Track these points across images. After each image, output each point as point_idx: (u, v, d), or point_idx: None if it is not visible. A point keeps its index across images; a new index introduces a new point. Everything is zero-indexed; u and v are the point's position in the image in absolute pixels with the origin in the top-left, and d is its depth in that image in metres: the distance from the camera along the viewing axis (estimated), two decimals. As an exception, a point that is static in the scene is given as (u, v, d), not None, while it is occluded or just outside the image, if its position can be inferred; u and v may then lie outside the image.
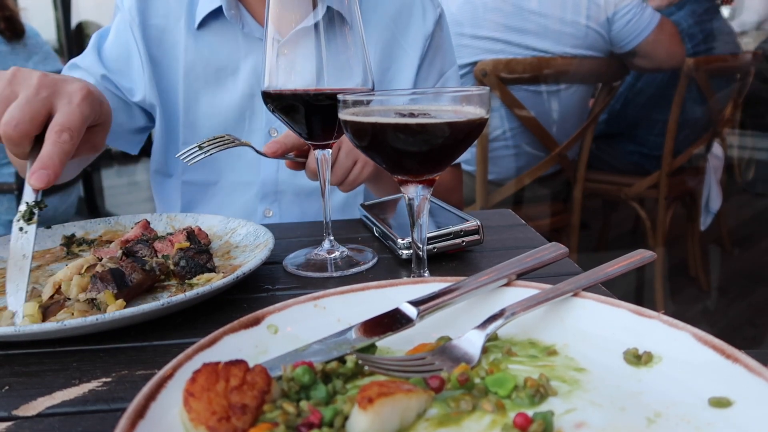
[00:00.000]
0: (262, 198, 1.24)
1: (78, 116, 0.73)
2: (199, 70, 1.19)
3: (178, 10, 1.19)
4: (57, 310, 0.64)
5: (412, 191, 0.63)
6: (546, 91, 2.31)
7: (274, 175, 1.22)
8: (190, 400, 0.37)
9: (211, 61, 1.18)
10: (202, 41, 1.18)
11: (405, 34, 1.26)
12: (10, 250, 0.68)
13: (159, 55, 1.20)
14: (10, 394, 0.50)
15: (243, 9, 1.17)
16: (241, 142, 0.90)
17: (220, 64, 1.18)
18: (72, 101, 0.73)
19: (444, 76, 1.33)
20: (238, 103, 1.19)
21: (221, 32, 1.17)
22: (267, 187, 1.23)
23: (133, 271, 0.66)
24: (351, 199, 1.27)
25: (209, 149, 0.86)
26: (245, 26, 1.16)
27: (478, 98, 0.58)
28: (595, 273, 0.55)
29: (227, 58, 1.18)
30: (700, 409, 0.39)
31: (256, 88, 1.17)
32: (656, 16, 2.24)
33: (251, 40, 1.17)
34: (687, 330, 0.45)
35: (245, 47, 1.17)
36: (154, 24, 1.20)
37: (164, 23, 1.19)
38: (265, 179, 1.22)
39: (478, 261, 0.80)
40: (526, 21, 2.17)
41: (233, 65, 1.18)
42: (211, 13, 1.15)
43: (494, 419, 0.39)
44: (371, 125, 0.58)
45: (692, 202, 2.83)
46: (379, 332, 0.48)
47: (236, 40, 1.17)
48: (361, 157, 0.98)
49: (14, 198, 2.34)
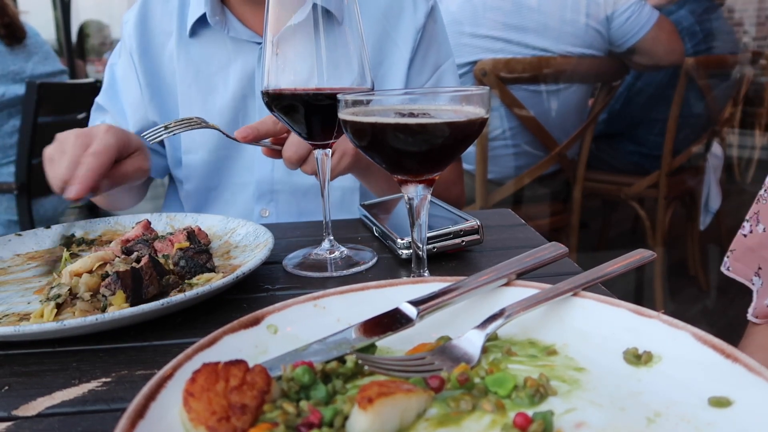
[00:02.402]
0: (259, 198, 1.24)
1: (101, 142, 0.89)
2: (191, 78, 1.21)
3: (170, 24, 1.22)
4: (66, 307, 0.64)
5: (412, 191, 0.63)
6: (545, 90, 2.31)
7: (269, 174, 1.22)
8: (189, 400, 0.37)
9: (202, 68, 1.21)
10: (193, 49, 1.21)
11: (396, 27, 1.25)
12: None
13: (157, 71, 1.23)
14: (9, 394, 0.50)
15: (229, 13, 1.19)
16: (208, 124, 0.91)
17: (211, 69, 1.21)
18: (98, 135, 0.91)
19: (439, 70, 1.31)
20: (229, 105, 1.20)
21: (210, 38, 1.20)
22: (263, 186, 1.23)
23: (150, 284, 0.67)
24: (348, 197, 1.27)
25: (174, 129, 0.88)
26: (231, 30, 1.18)
27: (478, 98, 0.58)
28: (595, 273, 0.55)
29: (217, 63, 1.20)
30: (699, 409, 0.39)
31: (248, 89, 1.20)
32: (655, 13, 2.24)
33: (239, 43, 1.19)
34: (687, 329, 0.45)
35: (233, 50, 1.19)
36: (152, 43, 1.24)
37: (161, 40, 1.23)
38: (260, 179, 1.23)
39: (477, 261, 0.80)
40: (526, 19, 2.17)
41: (224, 69, 1.20)
42: (199, 21, 1.17)
43: (494, 419, 0.39)
44: (371, 125, 0.58)
45: (692, 201, 2.83)
46: (379, 332, 0.48)
47: (225, 45, 1.19)
48: (341, 147, 0.96)
49: (14, 198, 2.34)
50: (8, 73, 2.33)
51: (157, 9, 1.25)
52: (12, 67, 2.35)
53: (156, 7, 1.25)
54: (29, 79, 2.33)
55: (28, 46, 2.44)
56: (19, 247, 0.85)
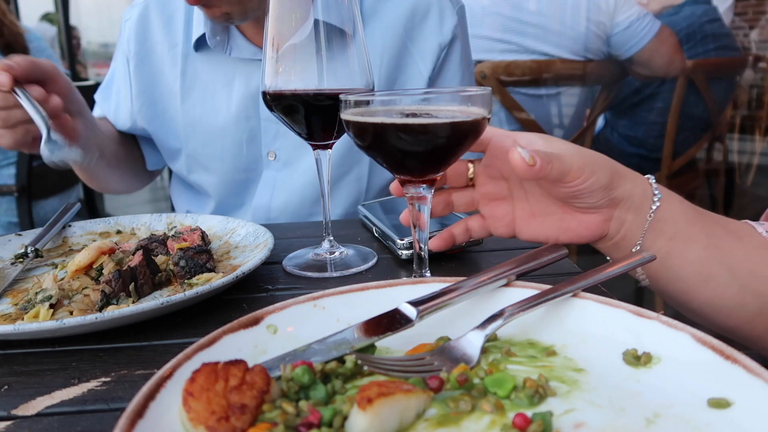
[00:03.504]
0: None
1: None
2: (197, 94, 1.16)
3: (175, 34, 1.17)
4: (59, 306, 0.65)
5: (414, 191, 0.63)
6: (545, 94, 2.31)
7: (267, 201, 1.19)
8: (189, 399, 0.37)
9: (208, 85, 1.16)
10: (199, 64, 1.16)
11: (415, 41, 1.11)
12: None
13: (154, 82, 1.19)
14: (9, 393, 0.50)
15: (233, 29, 1.12)
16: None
17: (216, 86, 1.16)
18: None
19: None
20: (233, 125, 1.16)
21: (213, 55, 1.14)
22: (258, 212, 1.20)
23: (145, 283, 0.68)
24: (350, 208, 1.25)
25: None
26: (234, 50, 1.12)
27: (480, 98, 0.58)
28: (595, 273, 0.55)
29: (221, 81, 1.15)
30: (699, 410, 0.39)
31: (252, 110, 1.14)
32: (656, 24, 2.21)
33: (242, 62, 1.13)
34: (686, 331, 0.45)
35: (236, 69, 1.14)
36: (152, 51, 1.19)
37: (162, 49, 1.18)
38: (257, 204, 1.20)
39: (477, 261, 0.80)
40: (526, 25, 2.17)
41: (226, 88, 1.15)
42: (202, 38, 1.12)
43: (493, 419, 0.39)
44: (373, 125, 0.58)
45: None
46: (379, 332, 0.48)
47: (227, 63, 1.14)
48: None
49: (14, 200, 2.33)
50: (11, 75, 2.33)
51: (161, 16, 1.18)
52: None
53: (159, 14, 1.18)
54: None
55: (30, 50, 2.44)
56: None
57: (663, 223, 0.65)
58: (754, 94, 3.09)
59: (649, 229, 0.65)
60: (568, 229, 0.67)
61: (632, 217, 0.65)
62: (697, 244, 0.64)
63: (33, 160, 2.30)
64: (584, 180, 0.61)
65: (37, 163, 2.24)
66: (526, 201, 0.70)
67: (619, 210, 0.65)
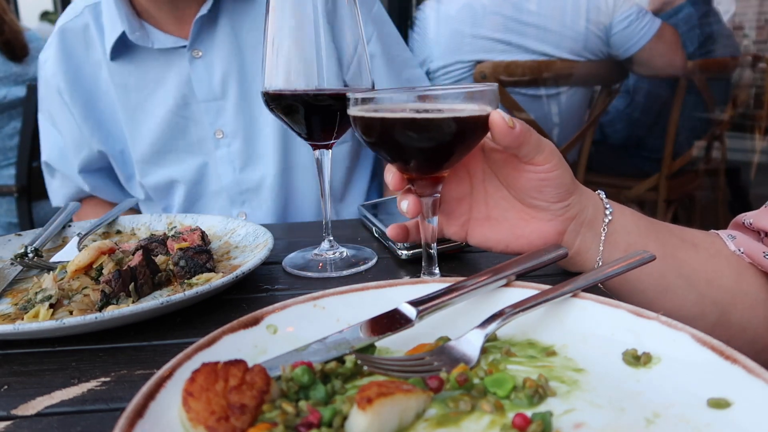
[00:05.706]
0: (231, 203, 1.25)
1: None
2: (133, 101, 1.19)
3: (96, 52, 1.19)
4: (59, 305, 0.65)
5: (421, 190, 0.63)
6: (545, 94, 2.31)
7: (233, 176, 1.22)
8: (189, 399, 0.37)
9: (141, 87, 1.18)
10: (126, 72, 1.18)
11: None
12: None
13: (94, 103, 1.21)
14: (8, 393, 0.50)
15: (148, 26, 1.16)
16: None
17: (149, 86, 1.18)
18: None
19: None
20: (174, 114, 1.18)
21: (138, 56, 1.17)
22: (232, 189, 1.23)
23: (144, 284, 0.68)
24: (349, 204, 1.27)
25: None
26: (155, 42, 1.15)
27: (487, 94, 0.58)
28: (595, 274, 0.55)
29: (153, 78, 1.18)
30: (698, 410, 0.39)
31: (189, 95, 1.18)
32: (655, 23, 2.20)
33: (167, 53, 1.16)
34: (686, 331, 0.45)
35: (164, 61, 1.17)
36: (81, 75, 1.20)
37: (91, 71, 1.20)
38: (225, 185, 1.23)
39: (477, 261, 0.80)
40: (526, 26, 2.17)
41: (160, 82, 1.18)
42: (122, 41, 1.14)
43: (493, 419, 0.39)
44: (380, 120, 0.58)
45: (692, 204, 2.83)
46: (379, 332, 0.48)
47: (155, 58, 1.17)
48: None
49: (14, 200, 2.33)
50: (10, 75, 2.33)
51: (78, 40, 1.20)
52: (14, 69, 2.35)
53: (76, 39, 1.20)
54: (31, 82, 2.33)
55: (31, 50, 2.44)
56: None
57: (616, 235, 0.66)
58: (754, 95, 3.09)
59: (605, 242, 0.66)
60: (521, 236, 0.67)
61: (586, 230, 0.66)
62: None
63: (33, 160, 2.30)
64: (553, 168, 0.62)
65: (37, 163, 2.25)
66: (485, 204, 0.70)
67: (575, 224, 0.66)
